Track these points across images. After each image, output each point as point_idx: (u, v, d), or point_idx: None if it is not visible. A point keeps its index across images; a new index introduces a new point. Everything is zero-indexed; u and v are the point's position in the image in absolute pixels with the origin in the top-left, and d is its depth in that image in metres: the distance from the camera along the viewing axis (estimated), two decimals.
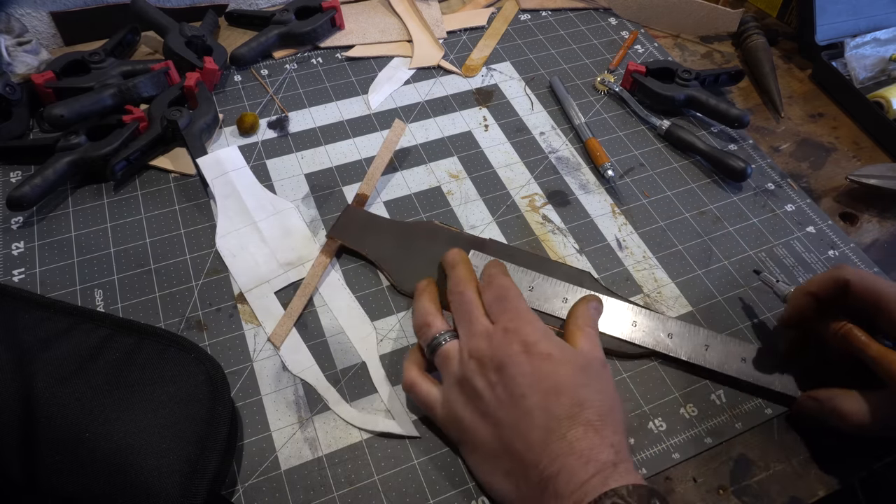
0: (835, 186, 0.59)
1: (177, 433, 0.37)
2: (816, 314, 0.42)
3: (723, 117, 0.61)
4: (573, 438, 0.34)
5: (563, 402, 0.35)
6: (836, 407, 0.40)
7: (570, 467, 0.33)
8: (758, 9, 0.80)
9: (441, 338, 0.41)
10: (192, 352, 0.41)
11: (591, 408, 0.35)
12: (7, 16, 0.61)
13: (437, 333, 0.41)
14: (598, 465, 0.33)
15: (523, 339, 0.38)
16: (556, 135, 0.62)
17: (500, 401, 0.37)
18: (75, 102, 0.55)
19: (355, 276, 0.50)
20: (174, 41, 0.62)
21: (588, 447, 0.34)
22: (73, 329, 0.41)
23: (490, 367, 0.37)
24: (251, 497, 0.39)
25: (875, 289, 0.39)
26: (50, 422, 0.37)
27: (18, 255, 0.50)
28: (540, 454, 0.34)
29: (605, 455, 0.33)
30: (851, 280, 0.40)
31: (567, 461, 0.33)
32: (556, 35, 0.72)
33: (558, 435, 0.34)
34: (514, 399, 0.36)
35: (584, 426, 0.34)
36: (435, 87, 0.65)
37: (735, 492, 0.41)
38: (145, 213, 0.53)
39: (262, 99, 0.63)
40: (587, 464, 0.33)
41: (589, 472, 0.33)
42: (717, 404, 0.44)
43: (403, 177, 0.57)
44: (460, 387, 0.39)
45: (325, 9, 0.68)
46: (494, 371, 0.37)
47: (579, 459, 0.33)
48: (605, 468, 0.33)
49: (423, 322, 0.42)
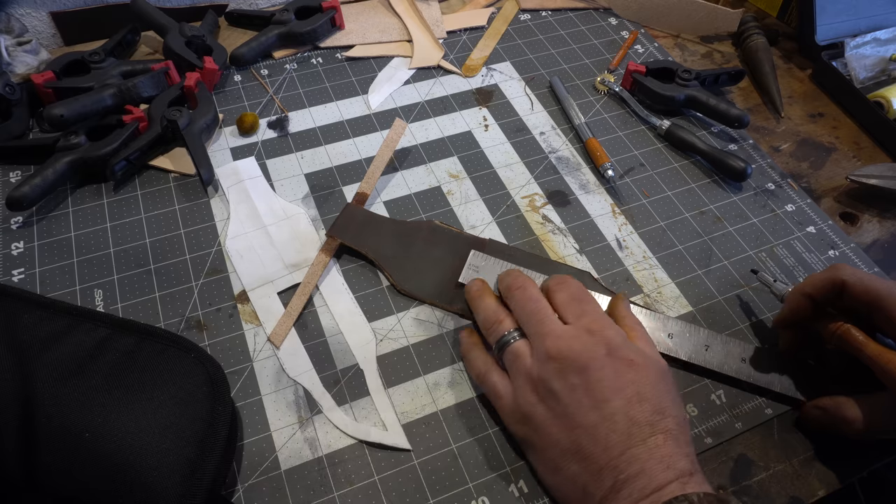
0: (835, 186, 0.59)
1: (177, 433, 0.37)
2: (813, 314, 0.42)
3: (723, 117, 0.61)
4: (653, 445, 0.34)
5: (646, 409, 0.35)
6: (840, 415, 0.40)
7: (651, 471, 0.33)
8: (758, 9, 0.80)
9: (511, 335, 0.41)
10: (192, 352, 0.41)
11: (671, 416, 0.36)
12: (7, 16, 0.61)
13: (507, 331, 0.41)
14: (676, 471, 0.33)
15: (608, 342, 0.38)
16: (556, 135, 0.62)
17: (579, 403, 0.36)
18: (75, 102, 0.55)
19: (355, 275, 0.50)
20: (174, 41, 0.62)
21: (668, 454, 0.34)
22: (73, 329, 0.41)
23: (572, 368, 0.37)
24: (251, 497, 0.39)
25: (872, 288, 0.39)
26: (50, 422, 0.37)
27: (18, 255, 0.50)
28: (619, 457, 0.34)
29: (683, 464, 0.34)
30: (848, 280, 0.40)
31: (647, 465, 0.34)
32: (556, 35, 0.72)
33: (639, 440, 0.34)
34: (596, 403, 0.36)
35: (664, 434, 0.35)
36: (435, 87, 0.65)
37: (735, 492, 0.41)
38: (145, 213, 0.53)
39: (262, 99, 0.63)
40: (667, 469, 0.33)
41: (668, 477, 0.33)
42: (717, 404, 0.44)
43: (403, 177, 0.57)
44: (533, 386, 0.38)
45: (325, 9, 0.68)
46: (576, 373, 0.37)
47: (659, 464, 0.34)
48: (682, 475, 0.33)
49: (494, 319, 0.42)
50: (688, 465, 0.34)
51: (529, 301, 0.41)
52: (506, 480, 0.40)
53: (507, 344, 0.41)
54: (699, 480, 0.34)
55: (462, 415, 0.43)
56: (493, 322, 0.42)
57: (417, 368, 0.45)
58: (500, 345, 0.41)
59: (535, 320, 0.40)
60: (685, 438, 0.36)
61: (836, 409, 0.40)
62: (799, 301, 0.42)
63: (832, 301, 0.41)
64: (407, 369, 0.45)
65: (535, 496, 0.40)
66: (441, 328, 0.47)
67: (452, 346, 0.46)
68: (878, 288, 0.39)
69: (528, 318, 0.41)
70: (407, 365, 0.45)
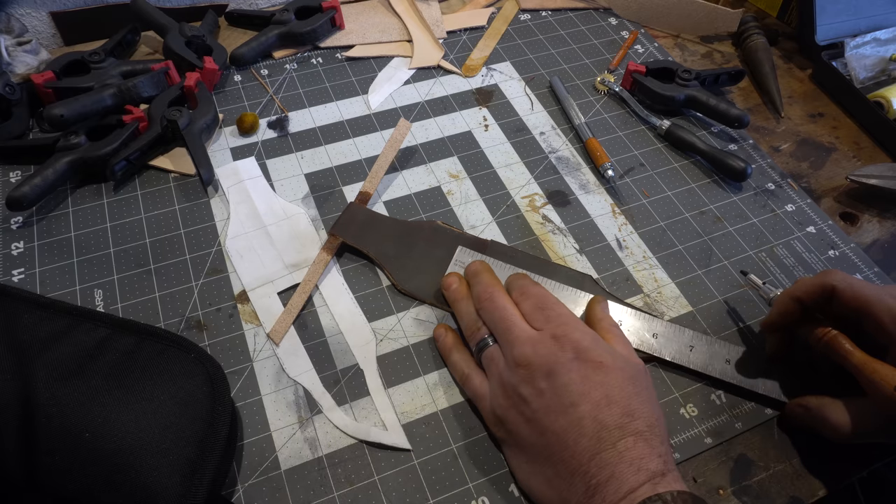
0: (835, 186, 0.59)
1: (177, 433, 0.37)
2: (802, 318, 0.42)
3: (723, 117, 0.61)
4: (623, 448, 0.34)
5: (614, 412, 0.35)
6: (823, 416, 0.40)
7: (621, 475, 0.33)
8: (758, 9, 0.80)
9: (487, 340, 0.42)
10: (192, 352, 0.41)
11: (641, 418, 0.35)
12: (7, 16, 0.61)
13: (485, 336, 0.42)
14: (648, 473, 0.33)
15: (575, 346, 0.38)
16: (556, 135, 0.62)
17: (547, 408, 0.36)
18: (75, 102, 0.55)
19: (355, 275, 0.50)
20: (174, 41, 0.62)
21: (638, 456, 0.34)
22: (73, 329, 0.41)
23: (539, 374, 0.37)
24: (251, 497, 0.39)
25: (861, 294, 0.39)
26: (50, 422, 0.37)
27: (18, 255, 0.50)
28: (589, 462, 0.34)
29: (655, 464, 0.34)
30: (838, 286, 0.40)
31: (617, 469, 0.33)
32: (556, 35, 0.72)
33: (608, 444, 0.34)
34: (563, 407, 0.36)
35: (634, 436, 0.35)
36: (435, 87, 0.65)
37: (735, 492, 0.41)
38: (145, 213, 0.53)
39: (262, 99, 0.63)
40: (637, 472, 0.33)
41: (640, 479, 0.33)
42: (717, 404, 0.44)
43: (403, 177, 0.57)
44: (504, 391, 0.39)
45: (325, 9, 0.68)
46: (543, 378, 0.37)
47: (630, 467, 0.33)
48: (654, 476, 0.33)
49: (473, 326, 0.43)
50: (660, 465, 0.34)
51: (496, 310, 0.41)
52: (506, 480, 0.40)
53: (485, 347, 0.42)
54: (672, 479, 0.34)
55: (462, 415, 0.43)
56: (472, 329, 0.43)
57: (417, 368, 0.45)
58: (478, 348, 0.42)
59: (503, 328, 0.40)
60: (658, 439, 0.35)
61: (820, 410, 0.40)
62: (788, 305, 0.42)
63: (821, 306, 0.41)
64: (407, 369, 0.45)
65: None
66: None
67: None
68: (868, 294, 0.39)
69: (496, 326, 0.41)
70: (407, 365, 0.45)
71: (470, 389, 0.42)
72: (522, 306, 0.42)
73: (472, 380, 0.42)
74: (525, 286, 0.43)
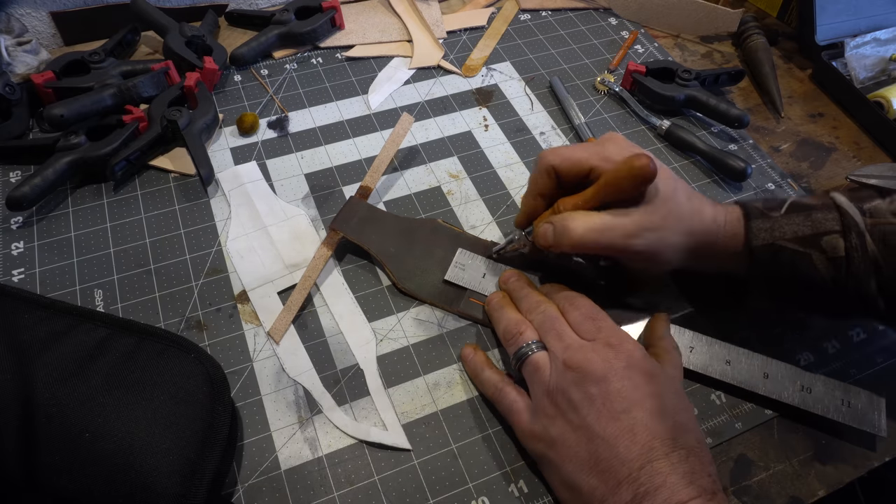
0: (835, 186, 0.59)
1: (177, 433, 0.37)
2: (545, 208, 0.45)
3: (723, 117, 0.61)
4: (676, 460, 0.34)
5: (666, 424, 0.35)
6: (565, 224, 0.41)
7: (673, 485, 0.33)
8: (758, 9, 0.80)
9: (530, 347, 0.40)
10: (192, 352, 0.41)
11: (691, 432, 0.35)
12: (7, 16, 0.61)
13: (527, 342, 0.40)
14: (699, 488, 0.33)
15: (628, 355, 0.37)
16: (556, 135, 0.62)
17: (599, 414, 0.36)
18: (75, 102, 0.55)
19: (355, 275, 0.50)
20: (174, 41, 0.62)
21: (690, 470, 0.33)
22: (73, 329, 0.41)
23: (591, 379, 0.36)
24: (251, 497, 0.39)
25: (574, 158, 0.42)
26: (50, 422, 0.37)
27: (18, 255, 0.50)
28: (639, 470, 0.33)
29: (706, 482, 0.33)
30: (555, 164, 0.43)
31: (669, 479, 0.33)
32: (556, 35, 0.72)
33: (660, 454, 0.34)
34: (615, 414, 0.35)
35: (686, 450, 0.34)
36: (435, 87, 0.65)
37: (735, 492, 0.41)
38: (145, 213, 0.53)
39: (262, 99, 0.63)
40: (689, 485, 0.33)
41: (691, 493, 0.32)
42: (717, 404, 0.44)
43: (403, 177, 0.57)
44: (551, 398, 0.38)
45: (325, 9, 0.68)
46: (596, 383, 0.36)
47: (682, 479, 0.33)
48: (704, 493, 0.33)
49: (515, 330, 0.41)
50: (710, 484, 0.33)
51: (549, 317, 0.41)
52: (506, 480, 0.40)
53: (527, 355, 0.40)
54: (722, 500, 0.33)
55: (462, 415, 0.43)
56: (513, 333, 0.41)
57: (417, 368, 0.45)
58: (518, 355, 0.40)
59: (555, 333, 0.40)
60: (707, 458, 0.35)
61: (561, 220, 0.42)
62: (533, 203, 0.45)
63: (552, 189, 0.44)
64: (407, 369, 0.45)
65: (535, 496, 0.40)
66: (441, 328, 0.47)
67: (452, 346, 0.46)
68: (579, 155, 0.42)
69: (548, 331, 0.40)
70: (407, 365, 0.45)
71: (505, 404, 0.40)
72: (570, 315, 0.41)
73: (508, 394, 0.40)
74: (572, 297, 0.42)
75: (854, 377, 0.46)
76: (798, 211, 0.42)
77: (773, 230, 0.41)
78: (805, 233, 0.41)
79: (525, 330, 0.41)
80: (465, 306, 0.47)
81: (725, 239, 0.43)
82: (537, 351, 0.40)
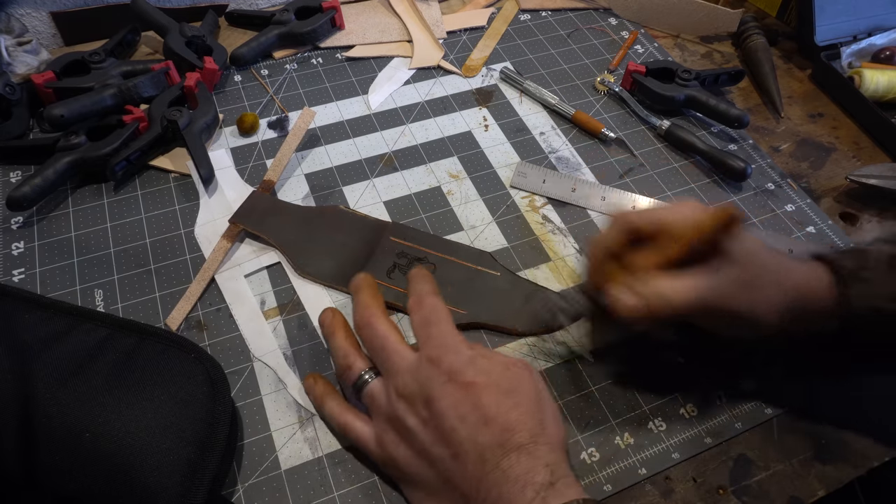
0: (835, 186, 0.59)
1: (177, 433, 0.37)
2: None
3: (723, 117, 0.61)
4: (506, 466, 0.33)
5: (493, 431, 0.34)
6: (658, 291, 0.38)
7: (508, 495, 0.33)
8: (758, 9, 0.80)
9: (365, 376, 0.39)
10: (192, 352, 0.41)
11: (522, 430, 0.34)
12: (7, 16, 0.61)
13: (360, 373, 0.40)
14: (535, 487, 0.32)
15: (447, 369, 0.36)
16: (556, 135, 0.62)
17: (433, 437, 0.35)
18: (75, 102, 0.55)
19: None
20: (174, 41, 0.62)
21: (523, 472, 0.33)
22: (73, 329, 0.41)
23: (419, 402, 0.36)
24: (251, 497, 0.39)
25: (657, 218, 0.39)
26: (50, 422, 0.37)
27: (18, 255, 0.50)
28: (478, 485, 0.34)
29: (541, 476, 0.33)
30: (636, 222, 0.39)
31: (503, 489, 0.33)
32: (556, 35, 0.72)
33: (492, 465, 0.33)
34: (445, 434, 0.35)
35: (517, 451, 0.34)
36: (435, 87, 0.65)
37: (735, 492, 0.41)
38: (145, 213, 0.53)
39: (262, 99, 0.63)
40: (524, 488, 0.32)
41: (527, 496, 0.32)
42: (716, 404, 0.44)
43: (403, 177, 0.57)
44: (391, 425, 0.37)
45: (325, 9, 0.68)
46: (424, 406, 0.36)
47: (515, 485, 0.33)
48: (542, 489, 0.32)
49: (344, 364, 0.40)
50: (546, 475, 0.33)
51: (376, 338, 0.39)
52: None
53: (363, 386, 0.39)
54: (563, 486, 0.33)
55: None
56: (344, 367, 0.41)
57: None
58: (356, 387, 0.40)
59: (383, 357, 0.39)
60: (544, 448, 0.34)
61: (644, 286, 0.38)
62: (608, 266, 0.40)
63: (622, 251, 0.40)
64: None
65: None
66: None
67: None
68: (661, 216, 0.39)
69: (377, 356, 0.39)
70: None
71: (353, 436, 0.39)
72: (413, 317, 0.40)
73: (354, 426, 0.39)
74: (422, 295, 0.40)
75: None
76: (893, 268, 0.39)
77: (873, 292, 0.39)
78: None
79: (354, 362, 0.40)
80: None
81: (818, 298, 0.40)
82: (371, 380, 0.39)
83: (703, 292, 0.37)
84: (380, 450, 0.38)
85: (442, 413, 0.35)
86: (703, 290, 0.37)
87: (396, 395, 0.37)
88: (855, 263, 0.40)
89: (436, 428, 0.35)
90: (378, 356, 0.39)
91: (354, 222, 0.52)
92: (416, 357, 0.38)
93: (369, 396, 0.39)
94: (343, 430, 0.40)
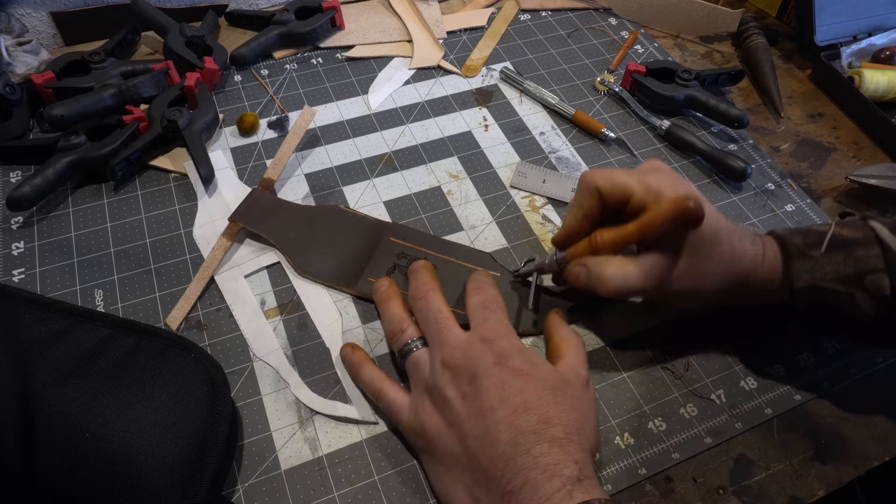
0: (835, 186, 0.59)
1: (177, 433, 0.37)
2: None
3: (723, 117, 0.61)
4: (538, 454, 0.34)
5: (531, 418, 0.35)
6: (599, 272, 0.40)
7: (535, 481, 0.33)
8: (758, 9, 0.80)
9: (413, 344, 0.41)
10: (192, 352, 0.41)
11: (559, 425, 0.35)
12: (7, 16, 0.61)
13: (410, 339, 0.41)
14: (562, 479, 0.33)
15: (498, 352, 0.38)
16: (556, 135, 0.62)
17: (469, 411, 0.36)
18: (75, 102, 0.55)
19: None
20: (174, 41, 0.62)
21: (553, 462, 0.33)
22: (73, 329, 0.41)
23: (464, 377, 0.37)
24: (251, 497, 0.39)
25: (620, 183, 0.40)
26: (50, 422, 0.37)
27: (18, 255, 0.50)
28: (504, 468, 0.34)
29: (570, 470, 0.33)
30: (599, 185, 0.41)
31: (531, 475, 0.33)
32: (556, 35, 0.72)
33: (523, 449, 0.34)
34: (482, 411, 0.36)
35: (550, 442, 0.34)
36: (435, 87, 0.65)
37: (735, 492, 0.41)
38: (145, 213, 0.53)
39: (262, 99, 0.63)
40: (552, 478, 0.33)
41: (554, 486, 0.33)
42: (717, 404, 0.44)
43: (403, 177, 0.57)
44: (430, 394, 0.38)
45: (325, 9, 0.68)
46: (467, 381, 0.37)
47: (543, 473, 0.33)
48: (569, 482, 0.33)
49: (398, 328, 0.42)
50: (575, 471, 0.33)
51: (430, 311, 0.41)
52: None
53: (410, 352, 0.41)
54: (589, 485, 0.33)
55: None
56: (396, 332, 0.42)
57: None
58: (402, 353, 0.41)
59: (434, 329, 0.40)
60: (576, 446, 0.35)
61: (597, 267, 0.40)
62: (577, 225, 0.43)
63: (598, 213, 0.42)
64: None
65: None
66: None
67: None
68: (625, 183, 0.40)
69: (428, 328, 0.41)
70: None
71: (386, 401, 0.41)
72: (470, 300, 0.42)
73: (387, 392, 0.41)
74: (482, 283, 0.43)
75: (854, 377, 0.46)
76: (839, 248, 0.40)
77: (815, 271, 0.40)
78: (847, 273, 0.39)
79: (407, 328, 0.42)
80: (362, 285, 0.48)
81: (765, 276, 0.42)
82: (420, 348, 0.41)
83: (650, 281, 0.39)
84: (412, 416, 0.39)
85: (485, 390, 0.36)
86: (644, 279, 0.39)
87: (442, 366, 0.38)
88: (803, 241, 0.41)
89: (474, 403, 0.36)
90: (430, 327, 0.40)
91: (355, 222, 0.52)
92: (467, 335, 0.39)
93: (413, 363, 0.40)
94: (377, 394, 0.41)
